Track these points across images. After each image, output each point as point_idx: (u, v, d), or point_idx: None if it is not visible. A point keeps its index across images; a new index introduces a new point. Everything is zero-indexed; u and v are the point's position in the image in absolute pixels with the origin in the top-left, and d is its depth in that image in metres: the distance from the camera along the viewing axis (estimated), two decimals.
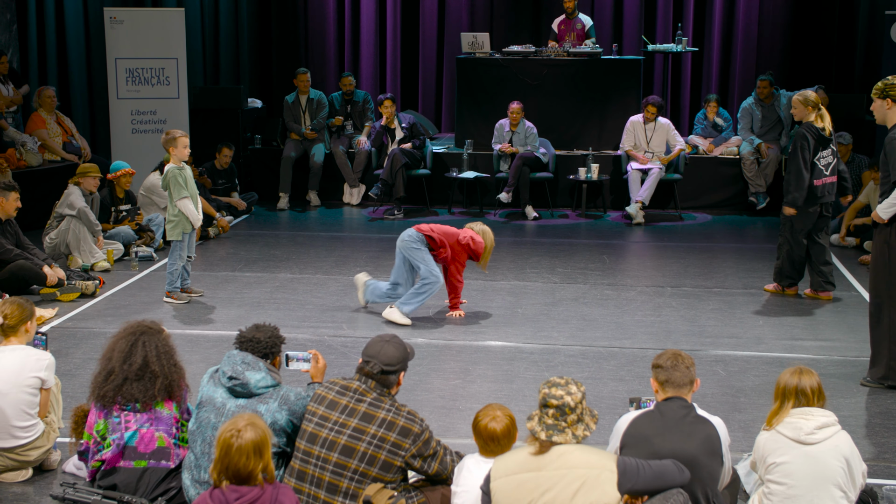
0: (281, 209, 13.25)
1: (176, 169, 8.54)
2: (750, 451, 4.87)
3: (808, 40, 14.69)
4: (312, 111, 13.55)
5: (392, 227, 12.15)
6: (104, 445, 4.91)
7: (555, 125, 13.38)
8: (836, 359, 7.41)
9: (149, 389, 4.88)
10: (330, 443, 4.44)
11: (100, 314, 8.51)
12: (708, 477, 4.35)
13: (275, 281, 9.56)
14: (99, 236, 9.97)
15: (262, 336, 4.85)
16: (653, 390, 4.58)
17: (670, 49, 13.82)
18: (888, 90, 6.65)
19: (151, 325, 5.05)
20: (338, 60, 15.90)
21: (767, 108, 12.95)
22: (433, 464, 4.49)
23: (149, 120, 13.13)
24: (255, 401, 4.67)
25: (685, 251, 10.94)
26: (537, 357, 7.46)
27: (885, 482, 5.26)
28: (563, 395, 4.10)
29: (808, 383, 4.52)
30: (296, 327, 8.03)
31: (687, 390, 4.48)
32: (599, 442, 5.71)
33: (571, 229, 12.19)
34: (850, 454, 4.44)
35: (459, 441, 5.51)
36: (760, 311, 8.63)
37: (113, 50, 12.94)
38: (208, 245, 11.10)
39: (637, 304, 8.87)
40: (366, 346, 4.61)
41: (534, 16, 15.44)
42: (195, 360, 7.14)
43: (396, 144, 12.91)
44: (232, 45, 15.27)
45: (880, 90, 6.69)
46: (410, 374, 6.80)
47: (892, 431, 6.11)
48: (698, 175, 13.11)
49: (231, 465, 3.91)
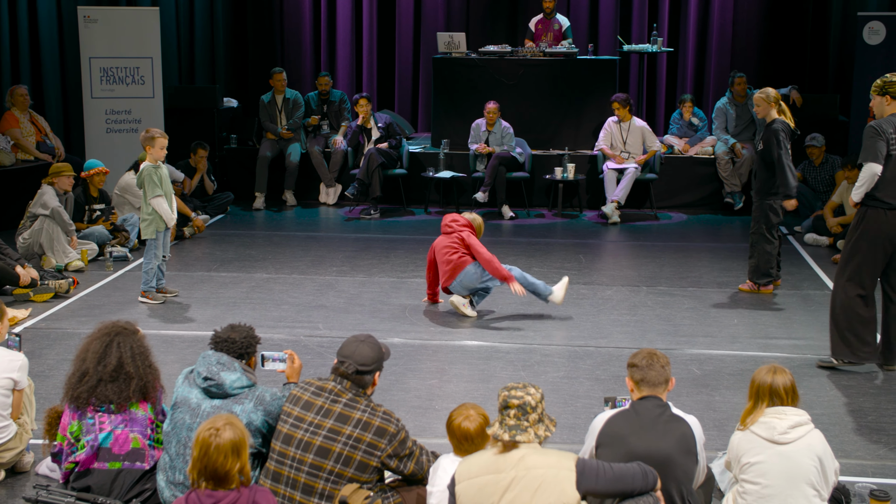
0: (257, 209, 13.21)
1: (151, 167, 8.51)
2: (724, 449, 4.89)
3: (781, 41, 14.78)
4: (288, 111, 13.52)
5: (368, 227, 12.15)
6: (78, 447, 4.87)
7: (531, 125, 13.40)
8: (809, 357, 7.45)
9: (123, 391, 4.85)
10: (305, 444, 4.43)
11: (74, 314, 8.46)
12: (683, 475, 4.37)
13: (251, 281, 9.53)
14: (73, 236, 9.91)
15: (238, 336, 4.83)
16: (628, 389, 4.60)
17: (646, 49, 13.87)
18: (887, 87, 6.88)
19: (126, 325, 5.02)
20: (314, 60, 15.87)
21: (741, 107, 13.02)
22: (409, 464, 4.49)
23: (123, 119, 13.06)
24: (231, 401, 4.66)
25: (661, 251, 10.98)
26: (514, 357, 7.47)
27: (857, 479, 5.30)
28: (523, 395, 4.13)
29: (781, 382, 4.55)
30: (272, 327, 8.01)
31: (662, 389, 4.50)
32: (575, 440, 5.74)
33: (548, 229, 12.21)
34: (822, 453, 4.47)
35: (436, 441, 5.51)
36: (735, 310, 8.68)
37: (87, 49, 12.86)
38: (184, 245, 11.05)
39: (613, 303, 8.90)
40: (341, 347, 4.61)
41: (510, 15, 15.47)
42: (170, 360, 7.11)
43: (372, 144, 12.90)
44: (207, 45, 15.21)
45: (879, 87, 6.92)
46: (387, 373, 6.80)
47: (863, 429, 6.16)
48: (674, 175, 13.16)
49: (209, 465, 3.89)
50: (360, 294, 9.08)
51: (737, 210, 12.84)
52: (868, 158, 6.80)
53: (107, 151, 12.53)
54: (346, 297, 8.98)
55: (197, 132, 13.31)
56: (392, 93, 16.08)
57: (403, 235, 11.67)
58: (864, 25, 12.36)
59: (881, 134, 6.76)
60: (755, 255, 9.07)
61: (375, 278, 9.63)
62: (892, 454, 5.80)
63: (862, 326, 7.04)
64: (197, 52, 14.99)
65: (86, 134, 13.04)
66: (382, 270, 9.94)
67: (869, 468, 5.61)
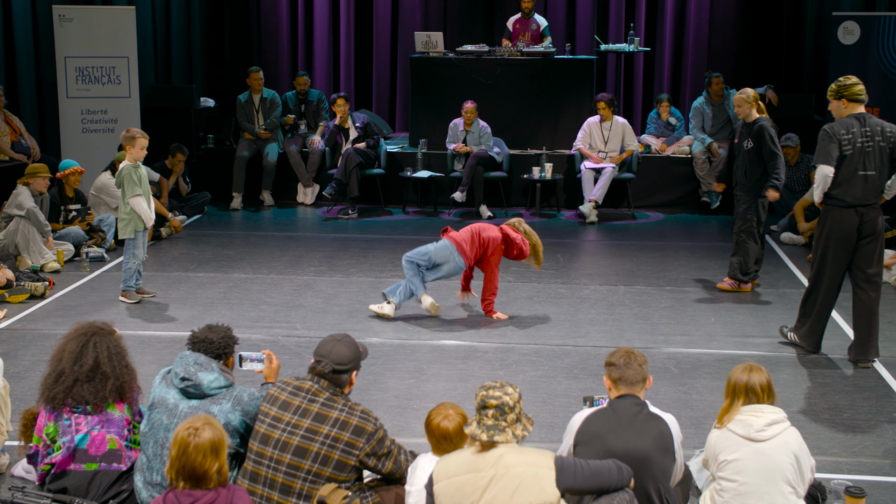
0: (234, 209, 13.17)
1: (131, 167, 8.47)
2: (702, 447, 4.91)
3: (757, 41, 14.87)
4: (266, 110, 13.48)
5: (346, 227, 12.13)
6: (54, 448, 4.84)
7: (509, 125, 13.42)
8: (785, 356, 7.50)
9: (99, 391, 4.83)
10: (283, 444, 4.42)
11: (49, 315, 8.41)
12: (660, 473, 4.39)
13: (228, 281, 9.50)
14: (48, 237, 9.85)
15: (215, 336, 4.82)
16: (606, 388, 4.61)
17: (623, 49, 13.92)
18: (842, 91, 7.14)
19: (103, 325, 4.99)
20: (291, 59, 15.84)
21: (718, 107, 13.08)
22: (387, 463, 4.49)
23: (99, 119, 12.98)
24: (208, 402, 4.64)
25: (638, 250, 11.02)
26: (492, 356, 7.48)
27: (833, 476, 5.34)
28: (501, 395, 4.13)
29: (757, 380, 4.58)
30: (249, 327, 7.99)
31: (640, 388, 4.52)
32: (553, 439, 5.76)
33: None
34: (798, 450, 4.50)
35: (414, 440, 5.51)
36: (712, 309, 8.72)
37: (62, 48, 12.78)
38: (161, 245, 11.00)
39: (590, 302, 8.92)
40: (317, 346, 4.60)
41: (487, 15, 15.49)
42: (147, 361, 7.08)
43: (350, 144, 12.88)
44: (184, 44, 15.14)
45: (835, 91, 7.19)
46: (365, 373, 6.80)
47: (839, 426, 6.20)
48: (651, 174, 13.21)
49: (188, 464, 3.88)
50: (338, 294, 9.07)
51: (713, 209, 12.91)
52: (820, 161, 7.09)
53: (83, 151, 12.46)
54: (324, 297, 8.96)
55: (173, 132, 13.26)
56: (370, 92, 16.07)
57: (381, 235, 11.67)
58: (838, 25, 12.44)
59: (833, 137, 7.04)
60: (739, 252, 9.12)
61: (353, 278, 9.62)
62: (868, 451, 5.85)
63: (821, 318, 7.47)
64: (173, 51, 14.92)
65: (61, 134, 12.96)
66: (360, 270, 9.93)
67: (844, 465, 5.65)
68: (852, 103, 7.12)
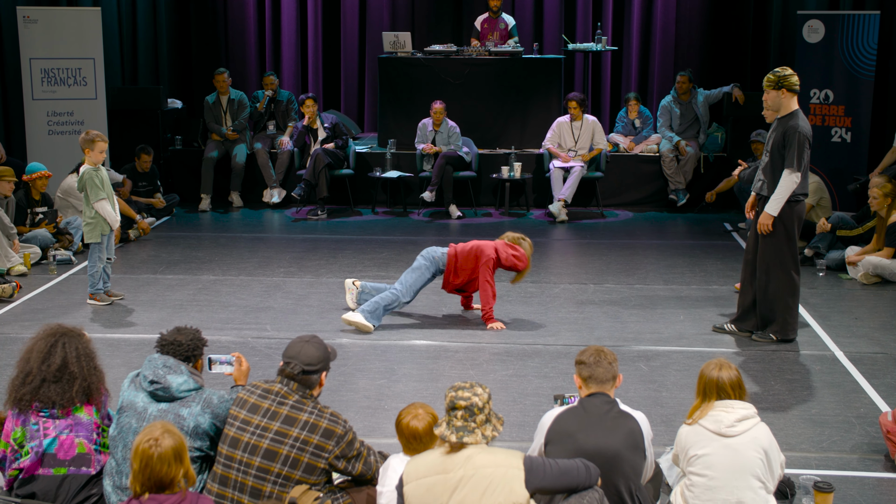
0: (203, 210, 13.10)
1: (92, 170, 8.42)
2: (672, 444, 4.94)
3: (724, 39, 14.95)
4: (233, 111, 13.43)
5: (315, 228, 12.10)
6: (22, 453, 4.79)
7: (477, 124, 13.44)
8: (754, 352, 7.55)
9: (66, 391, 4.77)
10: (252, 447, 4.41)
11: (17, 319, 8.34)
12: (631, 471, 4.41)
13: (197, 283, 9.45)
14: (14, 240, 9.77)
15: (184, 339, 4.79)
16: (576, 386, 4.63)
17: (590, 48, 13.96)
18: (783, 81, 7.21)
19: (72, 328, 4.96)
20: (259, 60, 15.76)
21: (685, 105, 13.17)
22: (357, 465, 4.48)
23: (66, 121, 12.87)
24: (178, 404, 4.62)
25: (607, 248, 11.06)
26: (462, 356, 7.49)
27: (802, 472, 5.38)
28: (470, 396, 4.12)
29: (727, 377, 4.60)
30: (219, 329, 7.95)
31: (610, 386, 4.54)
32: (524, 438, 5.77)
33: (495, 228, 12.22)
34: (768, 446, 4.53)
35: (385, 441, 5.51)
36: (681, 307, 8.76)
37: (27, 50, 12.66)
38: (129, 247, 10.93)
39: (560, 301, 8.95)
40: (286, 348, 4.59)
41: (455, 15, 15.48)
42: (116, 364, 7.03)
43: (319, 144, 12.85)
44: (150, 45, 15.03)
45: (774, 81, 7.24)
46: (336, 374, 6.78)
47: (808, 423, 6.25)
48: (619, 173, 13.27)
49: (153, 475, 3.88)
50: (308, 295, 9.05)
51: (680, 206, 12.98)
52: (794, 166, 7.17)
53: (49, 154, 12.35)
54: (294, 298, 8.94)
55: (141, 134, 13.18)
56: (338, 93, 16.02)
57: (351, 236, 11.64)
58: (803, 24, 12.54)
59: (810, 144, 7.19)
60: None
61: (323, 279, 9.60)
62: (836, 446, 5.90)
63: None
64: (140, 52, 14.81)
65: (27, 136, 12.83)
66: (330, 271, 9.90)
67: (813, 460, 5.69)
68: (790, 93, 7.20)
